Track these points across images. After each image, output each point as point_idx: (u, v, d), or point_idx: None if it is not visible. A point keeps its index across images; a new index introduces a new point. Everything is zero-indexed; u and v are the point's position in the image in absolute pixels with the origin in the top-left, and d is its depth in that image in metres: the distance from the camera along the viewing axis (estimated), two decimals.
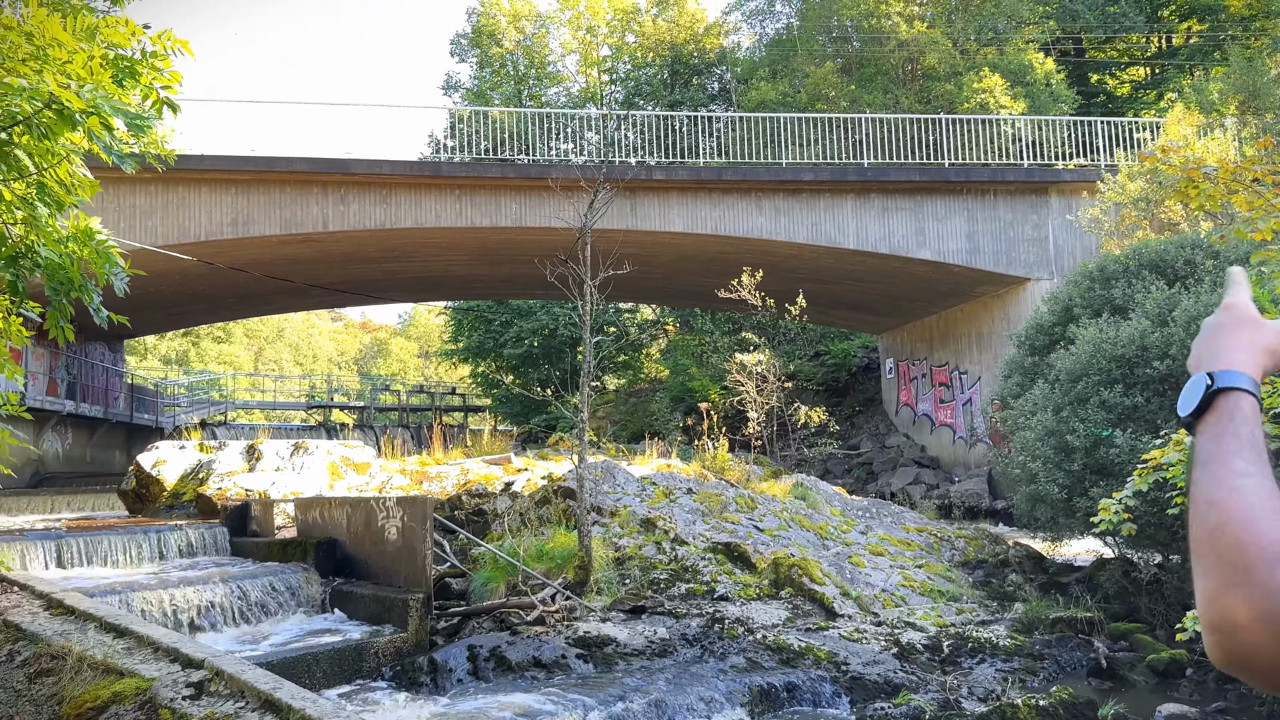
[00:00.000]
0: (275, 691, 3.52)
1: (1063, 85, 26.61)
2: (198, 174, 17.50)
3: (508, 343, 30.36)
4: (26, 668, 4.10)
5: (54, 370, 20.50)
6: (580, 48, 39.19)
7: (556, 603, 9.07)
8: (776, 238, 19.16)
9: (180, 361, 52.30)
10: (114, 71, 4.34)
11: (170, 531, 10.86)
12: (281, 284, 21.03)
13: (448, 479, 14.26)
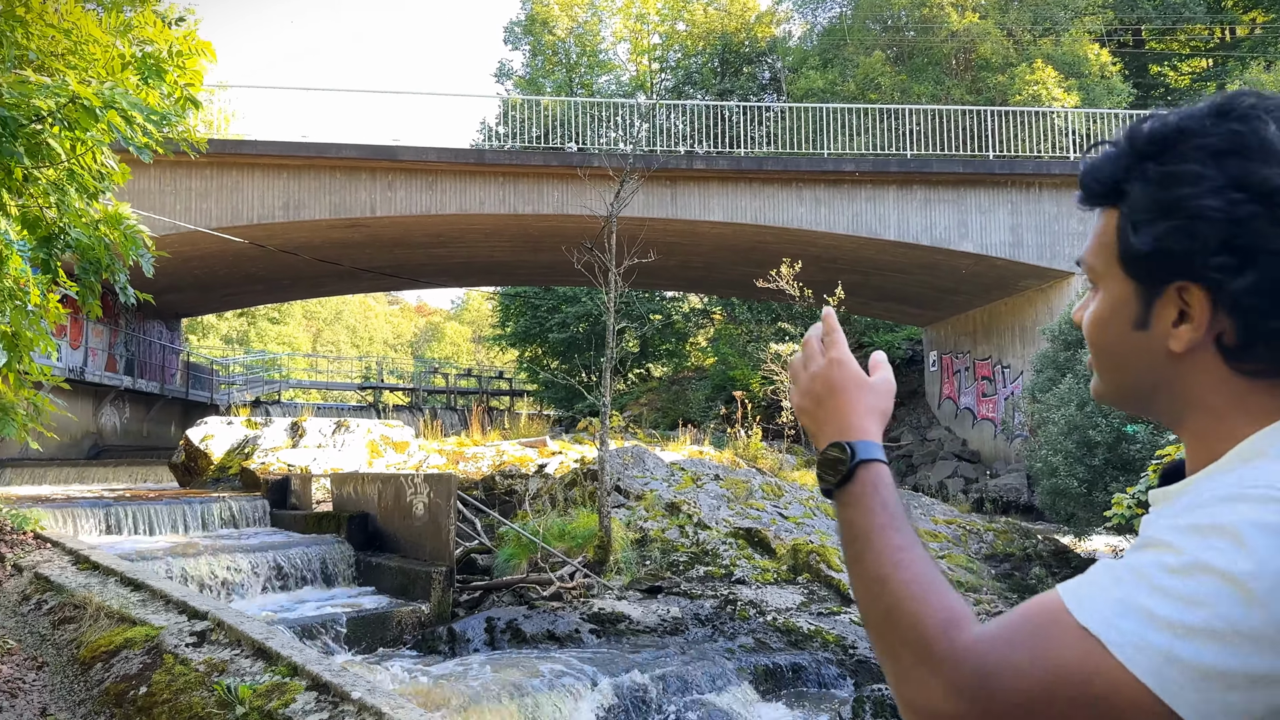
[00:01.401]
0: (267, 641, 3.84)
1: (1118, 78, 26.12)
2: (251, 158, 18.06)
3: (553, 328, 30.77)
4: (51, 615, 4.49)
5: (113, 347, 21.34)
6: (631, 36, 39.34)
7: (575, 580, 9.35)
8: (816, 228, 19.19)
9: (240, 341, 53.73)
10: (141, 69, 4.66)
11: (214, 503, 11.36)
12: (331, 267, 21.61)
13: (483, 460, 14.63)
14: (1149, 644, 0.72)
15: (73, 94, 3.62)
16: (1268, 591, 0.71)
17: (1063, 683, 0.75)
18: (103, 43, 4.76)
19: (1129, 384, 0.96)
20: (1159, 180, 0.89)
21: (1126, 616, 0.74)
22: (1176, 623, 0.72)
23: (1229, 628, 0.71)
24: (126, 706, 3.62)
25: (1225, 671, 0.71)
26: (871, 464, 0.96)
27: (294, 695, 3.37)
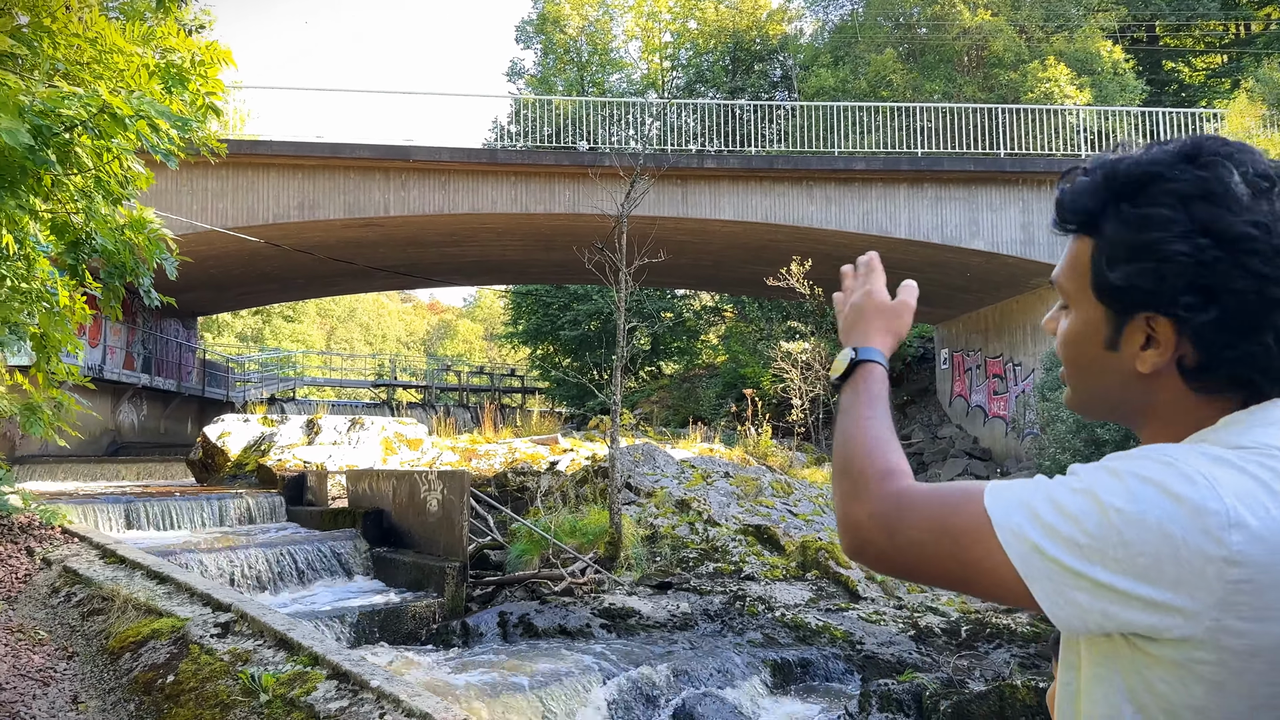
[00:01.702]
0: (289, 632, 3.98)
1: (1131, 74, 26.07)
2: (266, 158, 18.24)
3: (564, 326, 30.93)
4: (81, 607, 4.64)
5: (131, 345, 21.60)
6: (642, 34, 39.44)
7: (586, 576, 9.49)
8: (827, 226, 19.25)
9: (255, 338, 54.08)
10: (165, 79, 4.81)
11: (231, 499, 11.55)
12: (345, 266, 21.80)
13: (495, 457, 14.78)
14: (1025, 535, 0.93)
15: (104, 104, 3.77)
16: (1125, 523, 0.88)
17: (950, 538, 0.98)
18: (126, 52, 4.91)
19: (1098, 396, 1.11)
20: (1133, 222, 1.00)
21: (1018, 511, 0.94)
22: (1049, 525, 0.92)
23: (1089, 542, 0.90)
24: (155, 694, 3.77)
25: (1075, 571, 0.90)
26: (867, 363, 1.22)
27: (315, 684, 3.50)
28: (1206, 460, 0.91)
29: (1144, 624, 0.89)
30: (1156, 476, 0.90)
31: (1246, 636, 0.87)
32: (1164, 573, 0.87)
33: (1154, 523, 0.87)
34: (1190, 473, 0.89)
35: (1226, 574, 0.86)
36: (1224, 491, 0.88)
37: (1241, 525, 0.86)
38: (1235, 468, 0.90)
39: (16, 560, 5.44)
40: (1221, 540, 0.86)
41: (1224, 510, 0.87)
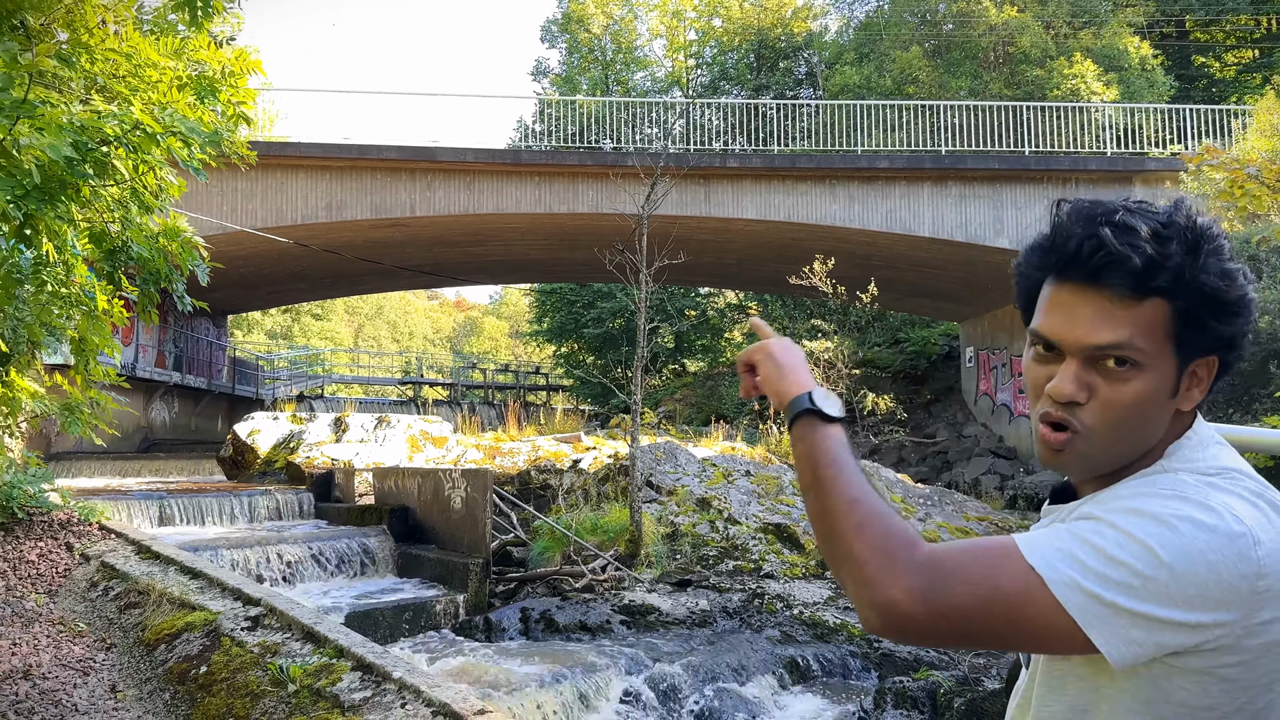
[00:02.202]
0: (316, 625, 4.15)
1: (1159, 70, 25.83)
2: (295, 160, 18.53)
3: (588, 324, 31.11)
4: (118, 601, 4.84)
5: (162, 344, 22.01)
6: (667, 32, 39.53)
7: (606, 573, 9.64)
8: (850, 225, 19.28)
9: (284, 336, 54.71)
10: (197, 90, 4.99)
11: (260, 496, 11.79)
12: (372, 265, 22.08)
13: (519, 455, 14.97)
14: (1079, 585, 0.98)
15: (136, 121, 3.95)
16: (1174, 561, 0.96)
17: (1001, 601, 0.99)
18: (160, 65, 5.10)
19: (1141, 445, 1.12)
20: (1224, 276, 1.06)
21: (1065, 563, 0.99)
22: (1103, 574, 0.97)
23: (1141, 583, 0.97)
24: (188, 684, 3.95)
25: (1132, 612, 0.97)
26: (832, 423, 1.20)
27: (340, 675, 3.66)
28: (1213, 490, 1.03)
29: (1187, 644, 0.99)
30: (1187, 513, 0.99)
31: (1264, 634, 0.99)
32: (1209, 598, 0.96)
33: (1199, 556, 0.96)
34: (1211, 505, 1.00)
35: (1256, 585, 0.97)
36: (1242, 515, 0.99)
37: (1261, 542, 0.98)
38: (1234, 494, 1.02)
39: (57, 555, 5.66)
40: (1252, 558, 0.97)
41: (1247, 532, 0.98)
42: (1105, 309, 1.07)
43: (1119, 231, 1.06)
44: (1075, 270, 1.09)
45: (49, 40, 5.28)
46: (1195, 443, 1.11)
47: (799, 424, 1.20)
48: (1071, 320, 1.09)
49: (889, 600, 1.01)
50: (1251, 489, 1.04)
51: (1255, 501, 1.02)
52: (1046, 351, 1.14)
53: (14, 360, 5.87)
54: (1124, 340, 1.07)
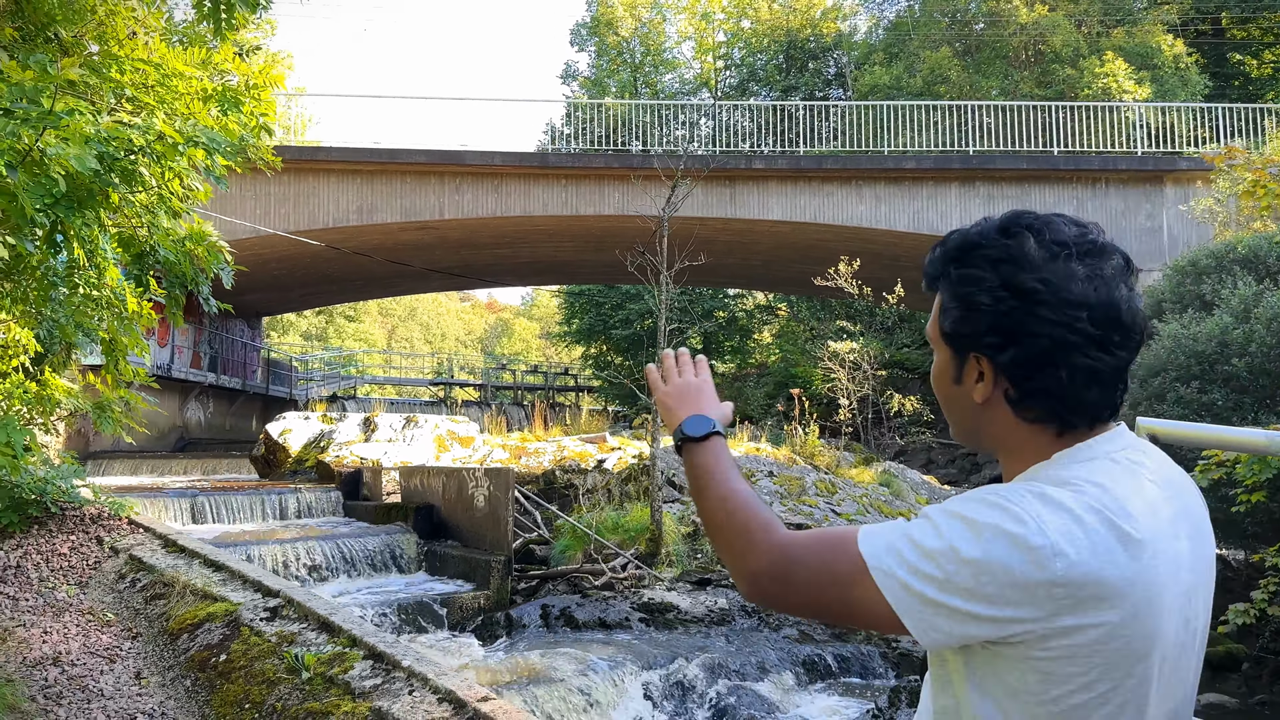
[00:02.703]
0: (331, 616, 4.29)
1: (1194, 69, 25.51)
2: (326, 164, 18.83)
3: (616, 325, 31.26)
4: (144, 592, 5.02)
5: (198, 344, 22.44)
6: (696, 34, 39.59)
7: (626, 571, 9.75)
8: (876, 226, 19.26)
9: (319, 337, 55.41)
10: (221, 102, 5.17)
11: (290, 494, 12.03)
12: (402, 268, 22.37)
13: (545, 455, 15.10)
14: (895, 574, 1.12)
15: (159, 133, 4.11)
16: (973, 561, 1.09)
17: (835, 583, 1.17)
18: (186, 76, 5.29)
19: (961, 426, 1.32)
20: (956, 280, 1.24)
21: (888, 554, 1.14)
22: (913, 565, 1.12)
23: (945, 578, 1.10)
24: (209, 671, 4.10)
25: (936, 602, 1.11)
26: (717, 435, 1.42)
27: (352, 663, 3.80)
28: (1035, 500, 1.13)
29: (996, 635, 1.11)
30: (995, 520, 1.11)
31: (1069, 635, 1.09)
32: (1007, 597, 1.09)
33: (996, 561, 1.08)
34: (1021, 514, 1.10)
35: (1053, 592, 1.08)
36: (1048, 528, 1.09)
37: (1062, 555, 1.08)
38: (1054, 504, 1.12)
39: (87, 548, 5.87)
40: (1048, 568, 1.08)
41: (1048, 544, 1.08)
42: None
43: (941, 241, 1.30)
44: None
45: (80, 52, 5.48)
46: (1061, 462, 1.20)
47: (682, 449, 1.45)
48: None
49: (752, 574, 1.22)
50: (1088, 504, 1.11)
51: (1081, 515, 1.10)
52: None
53: (49, 360, 6.08)
54: (929, 325, 1.31)
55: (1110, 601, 1.08)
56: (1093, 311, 1.16)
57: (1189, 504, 1.23)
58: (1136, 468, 1.19)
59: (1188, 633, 1.18)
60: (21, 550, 5.67)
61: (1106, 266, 1.19)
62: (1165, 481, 1.21)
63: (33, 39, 5.71)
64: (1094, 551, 1.08)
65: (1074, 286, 1.16)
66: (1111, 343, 1.17)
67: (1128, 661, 1.11)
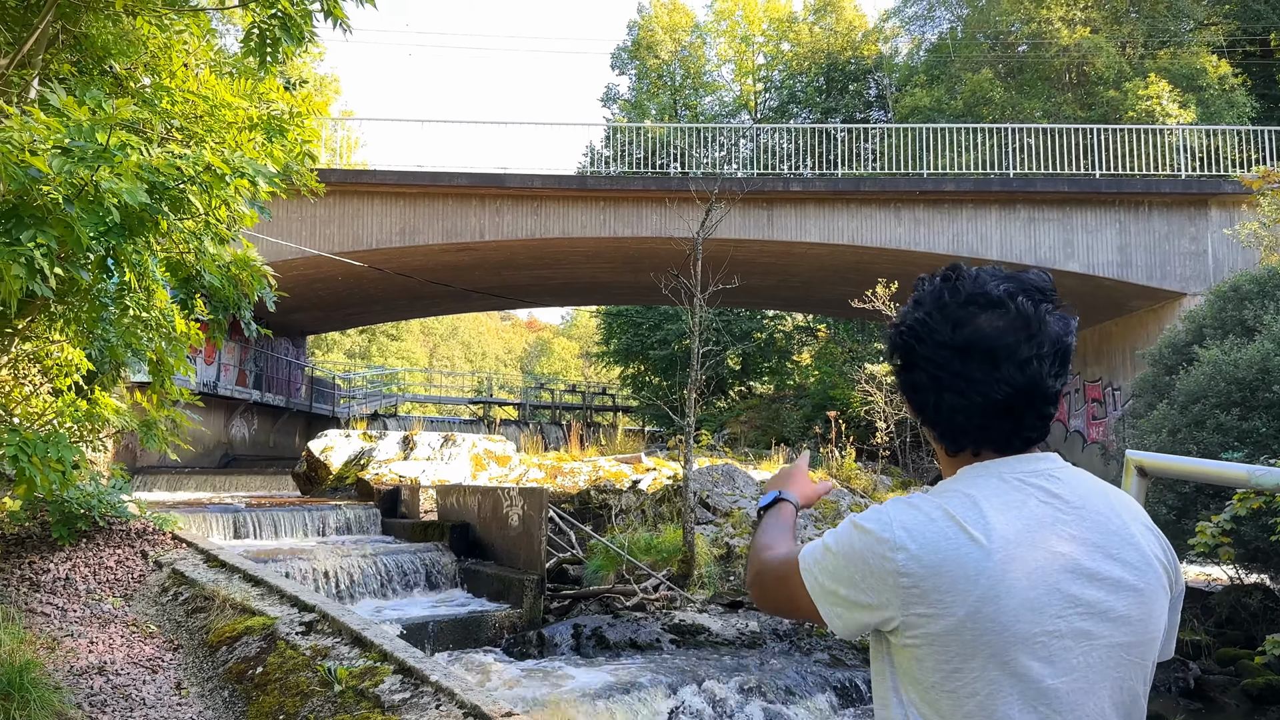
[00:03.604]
0: (364, 631, 4.41)
1: (1241, 91, 25.17)
2: (370, 187, 19.20)
3: (654, 345, 31.36)
4: (186, 605, 5.19)
5: (243, 362, 22.91)
6: (735, 57, 39.80)
7: (658, 592, 9.80)
8: (915, 248, 19.19)
9: (362, 355, 56.16)
10: (266, 130, 5.37)
11: (331, 510, 12.24)
12: (443, 288, 22.69)
13: (580, 475, 15.23)
14: (811, 570, 1.38)
15: (207, 163, 4.30)
16: (842, 552, 1.33)
17: (782, 582, 1.45)
18: (233, 106, 5.49)
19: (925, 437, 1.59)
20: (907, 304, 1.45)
21: (810, 555, 1.39)
22: (817, 560, 1.37)
23: (832, 567, 1.34)
24: (245, 683, 4.24)
25: (827, 589, 1.35)
26: (784, 502, 1.74)
27: (383, 677, 3.90)
28: (900, 504, 1.33)
29: (876, 621, 1.31)
30: (866, 520, 1.33)
31: (924, 624, 1.25)
32: (867, 584, 1.28)
33: (852, 550, 1.31)
34: (880, 513, 1.32)
35: (900, 582, 1.25)
36: (894, 524, 1.28)
37: (904, 548, 1.26)
38: (913, 506, 1.32)
39: (133, 562, 6.07)
40: (891, 559, 1.26)
41: (893, 538, 1.27)
42: None
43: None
44: None
45: (134, 84, 5.72)
46: (958, 475, 1.37)
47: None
48: None
49: (747, 583, 1.59)
50: (943, 508, 1.29)
51: (933, 517, 1.28)
52: None
53: (100, 379, 6.30)
54: None
55: (951, 595, 1.22)
56: (965, 353, 1.31)
57: (1106, 532, 1.30)
58: (1028, 489, 1.30)
59: (1075, 650, 1.24)
60: (71, 563, 5.88)
61: (999, 317, 1.32)
62: (1074, 507, 1.30)
63: (89, 71, 5.97)
64: (934, 548, 1.24)
65: (950, 329, 1.32)
66: (985, 385, 1.31)
67: (983, 653, 1.22)
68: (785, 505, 1.74)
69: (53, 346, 6.13)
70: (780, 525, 1.67)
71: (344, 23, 5.29)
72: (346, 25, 5.26)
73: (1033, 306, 1.34)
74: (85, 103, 4.11)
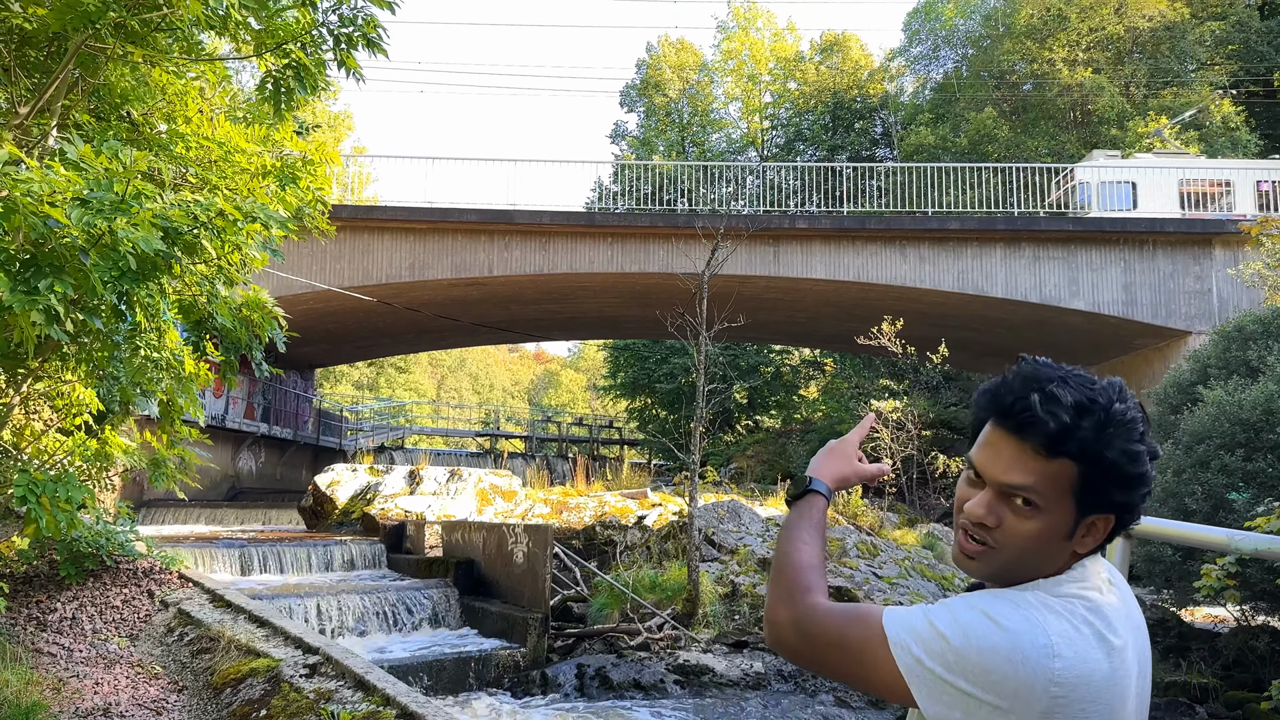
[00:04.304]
0: (367, 675, 4.44)
1: (1244, 129, 25.34)
2: (380, 223, 19.40)
3: (661, 379, 31.42)
4: (191, 646, 5.22)
5: (252, 396, 23.01)
6: (743, 95, 40.20)
7: (663, 631, 9.77)
8: (921, 285, 19.29)
9: (370, 387, 56.29)
10: (279, 177, 5.47)
11: (336, 546, 12.26)
12: (452, 322, 22.83)
13: (585, 510, 15.21)
14: (909, 649, 1.27)
15: (220, 209, 4.39)
16: (982, 649, 1.23)
17: (849, 645, 1.32)
18: (248, 152, 5.60)
19: (1040, 570, 1.34)
20: (1130, 456, 1.29)
21: (905, 630, 1.28)
22: (928, 644, 1.26)
23: (956, 660, 1.24)
24: None
25: (944, 680, 1.25)
26: (814, 493, 1.56)
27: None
28: (1039, 607, 1.28)
29: (991, 717, 1.24)
30: (1004, 617, 1.25)
31: None
32: (1006, 687, 1.22)
33: (1002, 651, 1.22)
34: (1029, 615, 1.25)
35: (1051, 690, 1.21)
36: (1050, 630, 1.24)
37: (1060, 656, 1.22)
38: (1056, 612, 1.27)
39: (139, 602, 6.11)
40: (1047, 666, 1.21)
41: (1049, 644, 1.22)
42: (1022, 458, 1.30)
43: (1046, 400, 1.29)
44: (1007, 420, 1.32)
45: (150, 130, 5.83)
46: (1071, 578, 1.33)
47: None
48: (995, 459, 1.33)
49: (775, 621, 1.40)
50: (1082, 615, 1.27)
51: (1078, 625, 1.25)
52: (975, 477, 1.37)
53: (110, 419, 6.37)
54: (1030, 485, 1.30)
55: (1092, 705, 1.23)
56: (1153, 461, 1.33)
57: (1138, 625, 1.37)
58: (1110, 588, 1.35)
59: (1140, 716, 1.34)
60: (77, 602, 5.92)
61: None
62: (1123, 590, 1.38)
63: (106, 117, 6.10)
64: (1084, 658, 1.23)
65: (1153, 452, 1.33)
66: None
67: None
68: (816, 500, 1.55)
69: (64, 386, 6.21)
70: (812, 535, 1.50)
71: (357, 72, 5.41)
72: (359, 75, 5.38)
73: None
74: (102, 152, 4.21)
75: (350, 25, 5.16)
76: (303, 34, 5.11)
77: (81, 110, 5.80)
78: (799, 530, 1.51)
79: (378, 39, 5.20)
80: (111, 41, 4.98)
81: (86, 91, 5.82)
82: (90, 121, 5.49)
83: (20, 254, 3.81)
